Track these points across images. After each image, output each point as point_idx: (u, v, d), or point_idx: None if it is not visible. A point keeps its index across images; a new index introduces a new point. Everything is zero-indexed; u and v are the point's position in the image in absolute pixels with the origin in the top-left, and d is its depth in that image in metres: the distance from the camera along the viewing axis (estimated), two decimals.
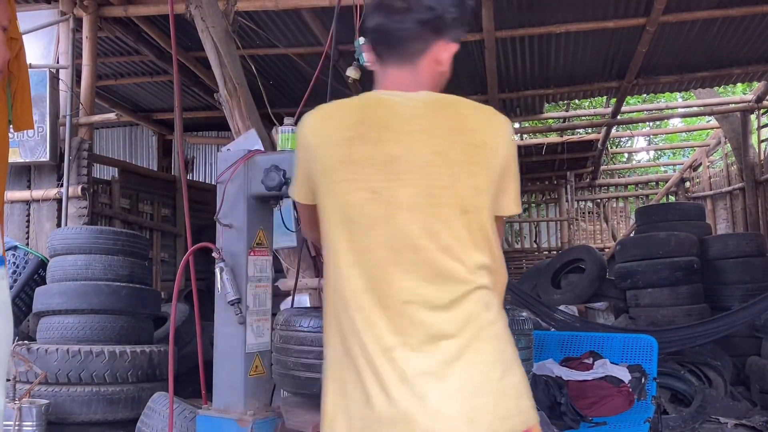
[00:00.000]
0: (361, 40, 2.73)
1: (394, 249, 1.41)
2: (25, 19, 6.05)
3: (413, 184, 1.43)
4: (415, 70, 1.55)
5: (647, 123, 12.78)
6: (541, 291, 8.59)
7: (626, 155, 17.73)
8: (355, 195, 1.44)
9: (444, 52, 1.56)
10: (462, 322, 1.40)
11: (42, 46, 6.40)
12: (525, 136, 11.57)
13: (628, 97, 9.63)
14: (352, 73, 2.88)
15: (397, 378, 1.35)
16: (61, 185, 6.03)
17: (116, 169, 8.24)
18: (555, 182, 12.98)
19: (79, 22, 6.37)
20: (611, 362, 4.26)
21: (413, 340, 1.38)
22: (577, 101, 11.42)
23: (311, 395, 2.18)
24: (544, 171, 12.58)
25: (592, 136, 11.71)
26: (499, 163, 1.50)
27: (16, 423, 3.97)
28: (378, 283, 1.41)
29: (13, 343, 4.46)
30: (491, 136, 1.51)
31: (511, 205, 1.55)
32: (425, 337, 1.38)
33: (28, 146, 6.00)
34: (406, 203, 1.43)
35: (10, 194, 6.04)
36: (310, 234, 1.68)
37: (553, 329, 6.06)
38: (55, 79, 6.17)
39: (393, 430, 1.34)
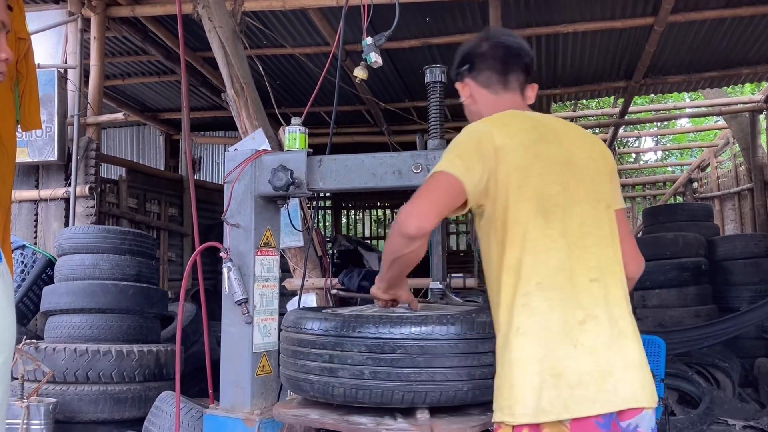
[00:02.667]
0: (369, 40, 2.73)
1: (579, 235, 1.74)
2: (34, 19, 6.07)
3: (585, 181, 1.80)
4: (524, 98, 2.00)
5: (655, 123, 12.75)
6: None
7: (634, 155, 17.68)
8: (549, 187, 1.74)
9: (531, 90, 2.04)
10: (626, 305, 1.77)
11: (50, 46, 6.42)
12: None
13: (636, 97, 9.61)
14: (359, 73, 2.87)
15: (590, 346, 1.64)
16: (69, 185, 6.05)
17: (124, 168, 8.26)
18: None
19: (87, 22, 6.39)
20: None
21: (599, 312, 1.69)
22: (584, 101, 11.39)
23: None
24: None
25: (600, 137, 11.67)
26: (614, 169, 1.95)
27: (24, 421, 3.98)
28: (570, 264, 1.70)
29: (22, 342, 4.48)
30: (604, 149, 1.96)
31: (621, 201, 1.95)
32: (606, 314, 1.69)
33: (37, 146, 6.03)
34: (582, 197, 1.78)
35: (18, 193, 6.07)
36: (434, 207, 1.71)
37: None
38: (63, 79, 6.19)
39: (592, 385, 1.62)
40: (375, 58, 2.72)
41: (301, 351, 2.21)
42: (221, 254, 2.74)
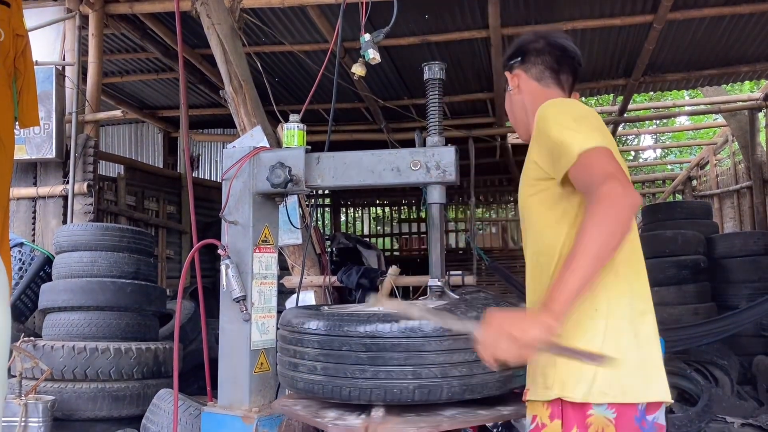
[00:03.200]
0: (367, 36, 2.72)
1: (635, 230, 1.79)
2: (31, 16, 6.05)
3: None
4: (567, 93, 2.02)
5: (654, 121, 12.75)
6: None
7: (633, 153, 17.68)
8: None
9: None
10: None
11: (48, 43, 6.40)
12: None
13: (635, 94, 9.60)
14: (357, 69, 2.87)
15: (647, 337, 1.70)
16: (67, 182, 6.04)
17: (122, 166, 8.26)
18: None
19: (85, 19, 6.37)
20: None
21: (650, 305, 1.76)
22: (583, 99, 11.36)
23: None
24: None
25: None
26: None
27: (22, 419, 3.98)
28: (638, 256, 1.82)
29: (20, 339, 4.48)
30: None
31: None
32: (651, 303, 1.77)
33: (34, 143, 6.01)
34: None
35: (16, 191, 6.06)
36: (629, 180, 1.59)
37: None
38: (61, 76, 6.18)
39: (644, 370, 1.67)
40: (373, 55, 2.72)
41: (280, 346, 2.37)
42: (219, 251, 2.74)
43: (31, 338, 4.69)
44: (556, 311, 1.44)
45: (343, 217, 15.63)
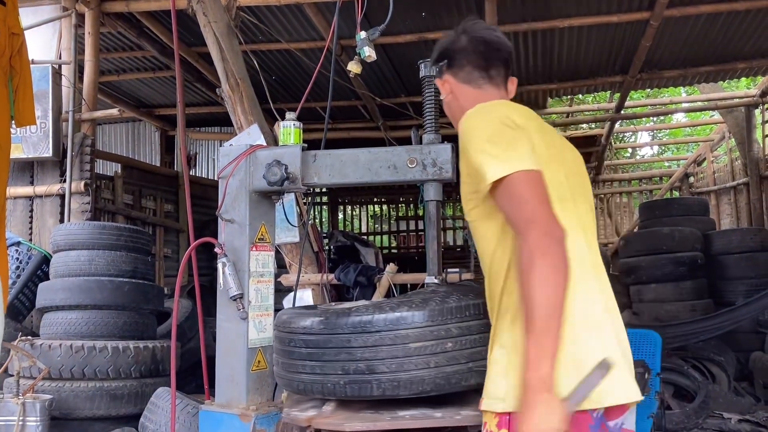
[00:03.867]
0: (363, 34, 2.72)
1: (585, 227, 1.75)
2: (27, 14, 6.05)
3: (577, 177, 1.82)
4: (507, 92, 1.95)
5: (651, 118, 12.76)
6: None
7: (630, 150, 17.70)
8: (558, 175, 1.71)
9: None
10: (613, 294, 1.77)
11: (44, 41, 6.39)
12: None
13: (632, 91, 9.60)
14: (353, 67, 2.87)
15: (615, 335, 1.67)
16: (64, 181, 6.04)
17: (119, 164, 8.25)
18: None
19: (81, 17, 6.36)
20: None
21: (612, 304, 1.72)
22: (580, 96, 11.35)
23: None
24: None
25: (596, 132, 11.68)
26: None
27: (20, 418, 3.98)
28: (588, 252, 1.72)
29: (17, 338, 4.47)
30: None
31: None
32: (615, 307, 1.73)
33: (31, 142, 6.01)
34: (580, 192, 1.80)
35: (13, 190, 6.05)
36: (549, 206, 1.56)
37: None
38: (57, 74, 6.17)
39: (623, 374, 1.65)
40: (369, 53, 2.71)
41: None
42: (216, 250, 2.73)
43: (29, 337, 4.69)
44: (548, 380, 1.46)
45: (340, 215, 15.64)
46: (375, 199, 15.47)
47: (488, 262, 1.76)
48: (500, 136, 1.63)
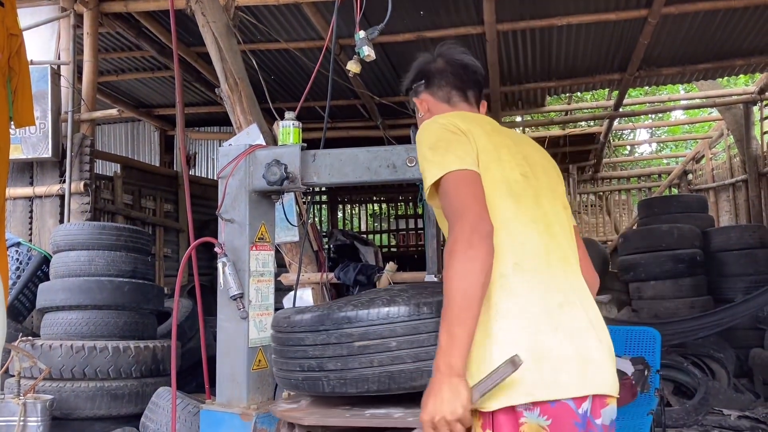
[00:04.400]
0: (361, 33, 2.72)
1: (547, 224, 1.76)
2: (26, 15, 6.05)
3: (542, 176, 1.86)
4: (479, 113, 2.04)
5: (649, 115, 12.75)
6: None
7: (628, 148, 17.69)
8: (513, 174, 1.77)
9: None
10: (593, 299, 1.81)
11: (43, 42, 6.39)
12: (527, 129, 11.56)
13: (631, 89, 9.61)
14: (352, 66, 2.87)
15: (570, 330, 1.64)
16: (64, 181, 6.04)
17: (118, 164, 8.25)
18: None
19: (79, 17, 6.36)
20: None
21: (574, 298, 1.71)
22: (579, 94, 11.37)
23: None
24: None
25: (595, 129, 11.69)
26: (562, 180, 2.02)
27: (21, 418, 3.98)
28: (544, 250, 1.72)
29: (18, 339, 4.48)
30: (551, 158, 2.03)
31: (572, 216, 2.00)
32: (580, 301, 1.72)
33: (30, 143, 6.01)
34: (544, 189, 1.83)
35: (13, 191, 6.05)
36: (481, 203, 1.63)
37: None
38: (56, 75, 6.17)
39: (574, 370, 1.62)
40: (368, 52, 2.72)
41: None
42: (216, 249, 2.74)
43: (30, 338, 4.69)
44: (458, 368, 1.49)
45: (340, 214, 15.64)
46: (374, 198, 15.47)
47: None
48: (439, 142, 1.72)
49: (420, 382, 1.92)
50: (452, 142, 1.72)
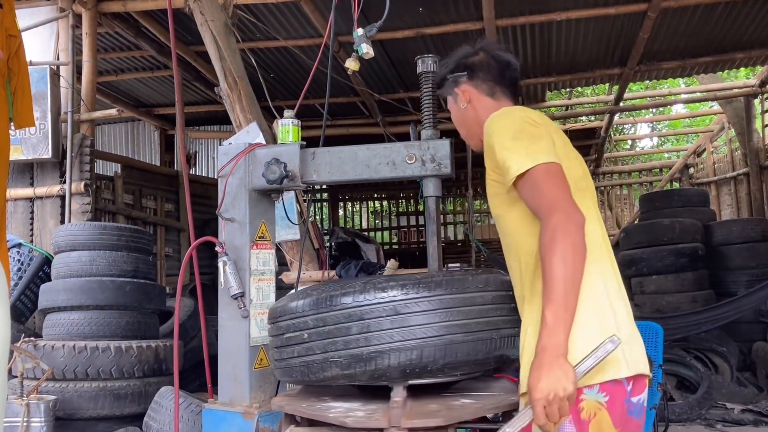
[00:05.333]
0: (360, 31, 2.72)
1: (599, 219, 1.89)
2: (24, 15, 6.05)
3: (587, 175, 1.93)
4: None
5: (650, 110, 12.76)
6: None
7: (629, 142, 17.68)
8: (575, 171, 1.85)
9: None
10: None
11: (42, 42, 6.38)
12: None
13: (631, 83, 9.59)
14: (351, 64, 2.86)
15: (627, 315, 1.78)
16: (64, 182, 6.04)
17: (119, 164, 8.25)
18: None
19: (78, 18, 6.36)
20: None
21: (624, 291, 1.84)
22: (579, 89, 11.37)
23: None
24: None
25: (595, 124, 11.68)
26: None
27: (25, 419, 3.99)
28: (605, 241, 1.85)
29: (20, 340, 4.48)
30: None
31: None
32: (620, 284, 1.84)
33: (30, 143, 6.01)
34: (591, 188, 1.92)
35: (14, 192, 6.06)
36: (570, 195, 1.72)
37: None
38: (55, 75, 6.17)
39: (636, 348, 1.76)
40: (366, 50, 2.71)
41: None
42: (217, 249, 2.74)
43: (32, 339, 4.70)
44: (564, 348, 1.60)
45: (341, 212, 15.64)
46: (375, 195, 15.48)
47: (518, 253, 1.87)
48: (523, 133, 1.79)
49: (329, 373, 1.94)
50: (535, 135, 1.79)
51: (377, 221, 16.29)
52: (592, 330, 1.68)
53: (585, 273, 1.69)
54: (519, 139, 1.77)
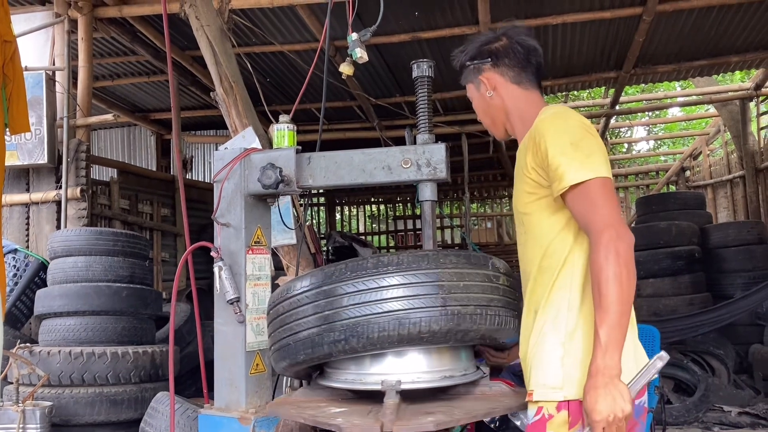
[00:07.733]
0: (354, 35, 2.72)
1: None
2: (20, 21, 6.04)
3: None
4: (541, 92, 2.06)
5: (646, 113, 12.78)
6: None
7: (626, 145, 17.73)
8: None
9: None
10: None
11: (37, 48, 6.38)
12: None
13: (627, 87, 9.62)
14: (345, 68, 2.87)
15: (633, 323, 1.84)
16: (60, 187, 6.03)
17: (115, 169, 8.24)
18: None
19: (74, 23, 6.35)
20: None
21: None
22: (575, 92, 11.40)
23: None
24: None
25: None
26: None
27: (20, 426, 3.97)
28: None
29: (16, 346, 4.47)
30: None
31: None
32: None
33: (26, 149, 6.00)
34: None
35: (9, 197, 6.04)
36: (619, 212, 1.75)
37: None
38: (51, 81, 6.16)
39: None
40: (360, 54, 2.71)
41: None
42: (212, 254, 2.73)
43: (28, 345, 4.68)
44: (617, 370, 1.62)
45: (338, 216, 15.63)
46: (372, 199, 15.47)
47: (539, 256, 1.85)
48: (583, 142, 1.75)
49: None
50: (595, 145, 1.76)
51: (374, 225, 16.29)
52: (628, 346, 1.72)
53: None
54: (578, 147, 1.73)
